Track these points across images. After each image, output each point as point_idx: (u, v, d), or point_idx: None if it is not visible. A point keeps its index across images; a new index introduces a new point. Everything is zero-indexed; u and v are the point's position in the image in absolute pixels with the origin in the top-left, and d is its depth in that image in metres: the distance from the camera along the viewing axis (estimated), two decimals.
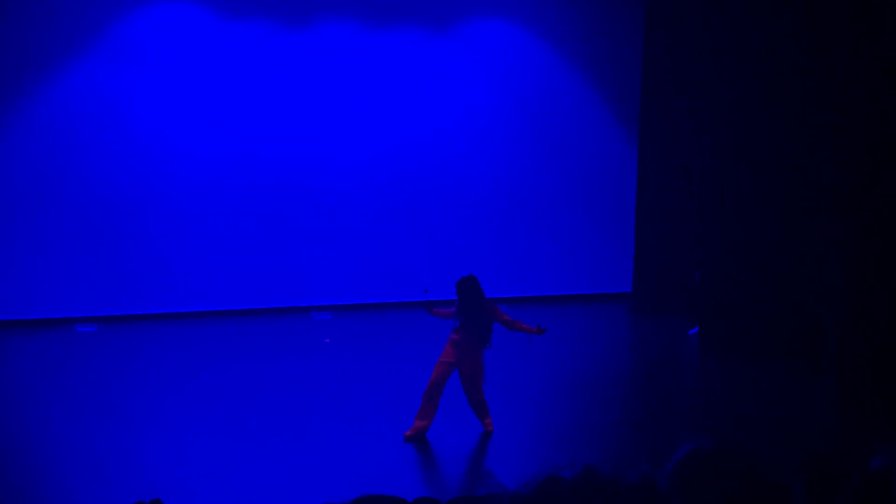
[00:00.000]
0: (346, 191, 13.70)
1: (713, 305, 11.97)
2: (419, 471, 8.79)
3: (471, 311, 9.14)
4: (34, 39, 12.50)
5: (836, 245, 9.79)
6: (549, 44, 14.22)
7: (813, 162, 11.09)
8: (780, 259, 11.49)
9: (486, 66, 14.05)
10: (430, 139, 13.95)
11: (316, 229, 13.64)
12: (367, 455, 8.74)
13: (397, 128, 13.83)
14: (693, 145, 12.94)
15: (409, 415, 9.29)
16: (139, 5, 12.88)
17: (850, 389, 9.67)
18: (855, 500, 2.84)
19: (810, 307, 10.98)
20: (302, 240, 13.60)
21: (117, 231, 12.99)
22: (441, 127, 13.97)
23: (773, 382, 10.84)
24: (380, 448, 8.91)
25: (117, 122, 12.89)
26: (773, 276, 11.51)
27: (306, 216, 13.61)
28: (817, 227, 10.86)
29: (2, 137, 12.64)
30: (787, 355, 11.21)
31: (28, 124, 12.67)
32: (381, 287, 13.88)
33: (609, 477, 2.49)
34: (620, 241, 14.48)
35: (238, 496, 7.97)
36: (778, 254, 11.49)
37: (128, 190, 12.99)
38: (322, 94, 13.52)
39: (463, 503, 2.64)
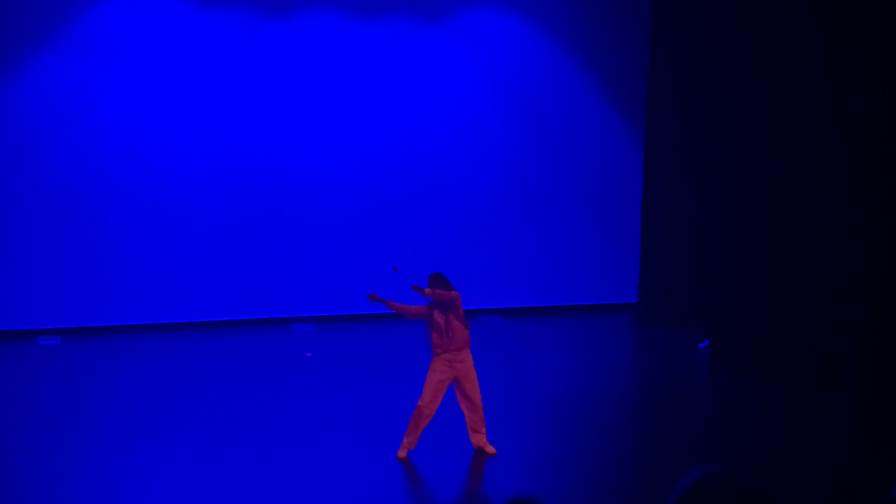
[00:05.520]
0: (330, 194, 13.63)
1: (724, 318, 11.88)
2: (408, 496, 8.77)
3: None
4: None
5: (860, 254, 9.75)
6: (550, 37, 14.15)
7: (836, 166, 10.87)
8: (796, 268, 11.35)
9: (481, 62, 13.96)
10: (421, 141, 13.85)
11: (297, 235, 13.53)
12: (353, 477, 8.71)
13: (385, 128, 13.72)
14: (703, 147, 12.86)
15: (396, 433, 9.27)
16: None
17: (872, 406, 9.63)
18: None
19: (829, 320, 10.90)
20: (282, 246, 13.50)
21: (82, 237, 12.86)
22: (432, 127, 13.87)
23: (788, 401, 10.82)
24: (366, 470, 8.87)
25: (83, 123, 12.75)
26: (788, 285, 11.40)
27: (287, 221, 13.51)
28: (839, 235, 10.75)
29: None
30: (803, 371, 11.15)
31: None
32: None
33: None
34: (625, 248, 14.48)
35: None
36: (795, 263, 11.35)
37: (94, 193, 12.86)
38: (304, 91, 13.41)
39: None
